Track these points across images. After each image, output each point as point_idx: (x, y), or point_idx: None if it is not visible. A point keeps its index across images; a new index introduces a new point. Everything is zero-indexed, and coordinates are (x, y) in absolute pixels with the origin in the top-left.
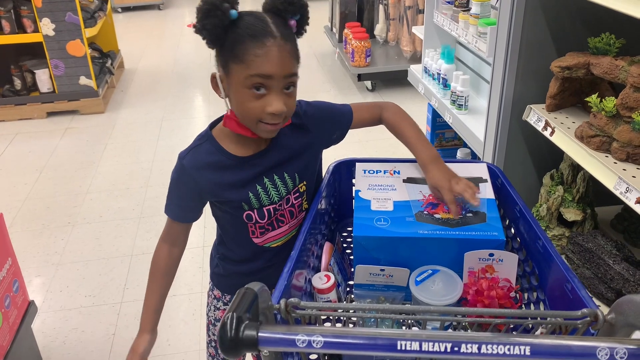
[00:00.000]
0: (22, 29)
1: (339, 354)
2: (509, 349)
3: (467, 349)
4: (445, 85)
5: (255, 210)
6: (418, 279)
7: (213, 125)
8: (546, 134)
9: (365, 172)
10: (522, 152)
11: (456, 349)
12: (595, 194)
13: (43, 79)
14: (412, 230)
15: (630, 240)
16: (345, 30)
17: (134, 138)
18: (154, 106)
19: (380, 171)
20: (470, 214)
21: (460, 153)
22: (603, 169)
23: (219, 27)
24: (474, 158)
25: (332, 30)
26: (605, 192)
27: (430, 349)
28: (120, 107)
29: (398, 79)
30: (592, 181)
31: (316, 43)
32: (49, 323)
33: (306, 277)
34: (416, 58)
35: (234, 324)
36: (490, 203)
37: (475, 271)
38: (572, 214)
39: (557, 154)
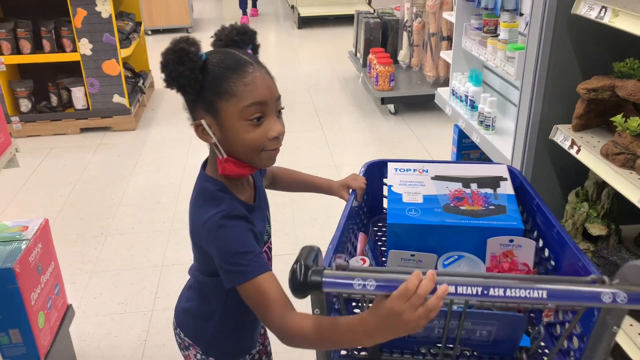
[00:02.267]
0: (61, 49)
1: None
2: (529, 292)
3: (494, 292)
4: (473, 107)
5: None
6: (445, 263)
7: (206, 178)
8: (572, 152)
9: (397, 171)
10: (548, 170)
11: (485, 292)
12: (619, 212)
13: (78, 96)
14: (441, 219)
15: None
16: (370, 56)
17: (163, 154)
18: (183, 125)
19: (410, 170)
20: (493, 207)
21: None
22: (628, 185)
23: (196, 70)
24: None
25: (356, 55)
26: (629, 210)
27: (464, 292)
28: (150, 125)
29: (420, 104)
30: (616, 198)
31: (340, 67)
32: (84, 327)
33: (345, 259)
34: (439, 83)
35: (302, 271)
36: (510, 198)
37: (497, 255)
38: (597, 229)
39: (582, 172)
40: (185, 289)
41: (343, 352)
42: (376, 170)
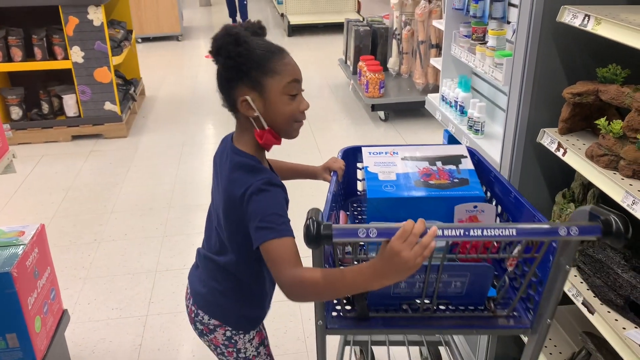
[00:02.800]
0: (52, 56)
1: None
2: (502, 231)
3: (474, 232)
4: (462, 112)
5: None
6: None
7: (240, 153)
8: (559, 154)
9: (370, 154)
10: (536, 173)
11: (467, 232)
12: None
13: (70, 103)
14: (414, 193)
15: (637, 254)
16: (360, 63)
17: (155, 161)
18: (174, 131)
19: (382, 153)
20: (457, 180)
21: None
22: (611, 185)
23: (251, 50)
24: None
25: (346, 62)
26: (614, 209)
27: (450, 234)
28: (142, 132)
29: (410, 110)
30: (601, 199)
31: (330, 75)
32: (79, 333)
33: None
34: (428, 90)
35: (315, 225)
36: (471, 172)
37: (463, 220)
38: None
39: (569, 174)
40: (197, 277)
41: (334, 314)
42: (351, 156)
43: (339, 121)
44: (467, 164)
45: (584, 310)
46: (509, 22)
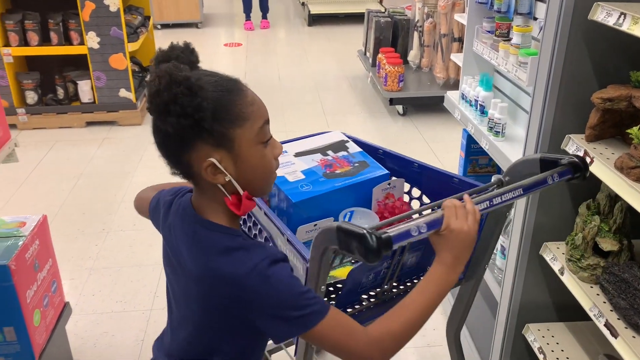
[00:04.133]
0: (68, 41)
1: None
2: (513, 194)
3: (496, 200)
4: (483, 112)
5: None
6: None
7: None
8: None
9: None
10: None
11: (491, 202)
12: (632, 225)
13: (85, 89)
14: (330, 185)
15: None
16: (379, 55)
17: None
18: None
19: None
20: (357, 164)
21: (494, 179)
22: None
23: (207, 97)
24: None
25: (365, 54)
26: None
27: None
28: None
29: (429, 105)
30: (629, 212)
31: (348, 66)
32: (81, 325)
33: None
34: (449, 85)
35: (372, 237)
36: (362, 154)
37: (381, 200)
38: (608, 244)
39: (594, 184)
40: None
41: None
42: None
43: (356, 114)
44: (354, 147)
45: (607, 333)
46: (535, 19)
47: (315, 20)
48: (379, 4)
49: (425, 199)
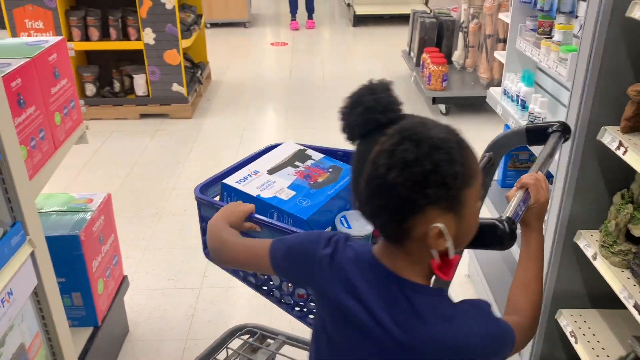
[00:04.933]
0: (126, 37)
1: None
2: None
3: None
4: (524, 107)
5: None
6: (343, 224)
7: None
8: (619, 153)
9: (239, 182)
10: (594, 171)
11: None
12: None
13: (140, 83)
14: (324, 195)
15: None
16: (424, 55)
17: (217, 143)
18: (236, 116)
19: (245, 178)
20: (331, 169)
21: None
22: None
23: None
24: (548, 177)
25: (410, 54)
26: None
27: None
28: (206, 115)
29: (472, 105)
30: None
31: (393, 66)
32: (136, 299)
33: None
34: (493, 85)
35: (504, 223)
36: (328, 159)
37: None
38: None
39: (629, 175)
40: None
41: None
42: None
43: None
44: (316, 154)
45: (635, 313)
46: (577, 17)
47: (360, 20)
48: (425, 5)
49: None
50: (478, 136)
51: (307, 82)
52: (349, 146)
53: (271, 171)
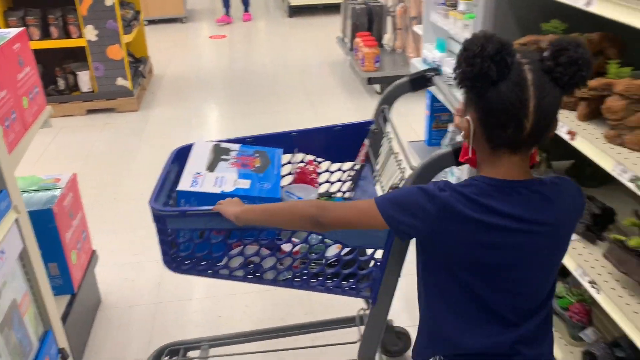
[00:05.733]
0: (68, 35)
1: None
2: None
3: None
4: (440, 71)
5: None
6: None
7: None
8: None
9: (194, 185)
10: None
11: None
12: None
13: (84, 79)
14: (273, 173)
15: None
16: (356, 39)
17: (166, 132)
18: (182, 106)
19: (195, 180)
20: (257, 155)
21: (451, 127)
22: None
23: None
24: None
25: (344, 40)
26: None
27: None
28: (151, 107)
29: None
30: None
31: (329, 52)
32: (105, 273)
33: None
34: None
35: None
36: (246, 147)
37: (296, 172)
38: None
39: None
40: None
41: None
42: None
43: (337, 95)
44: (234, 146)
45: None
46: None
47: (295, 11)
48: None
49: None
50: (411, 109)
51: (248, 71)
52: (256, 132)
53: (211, 168)
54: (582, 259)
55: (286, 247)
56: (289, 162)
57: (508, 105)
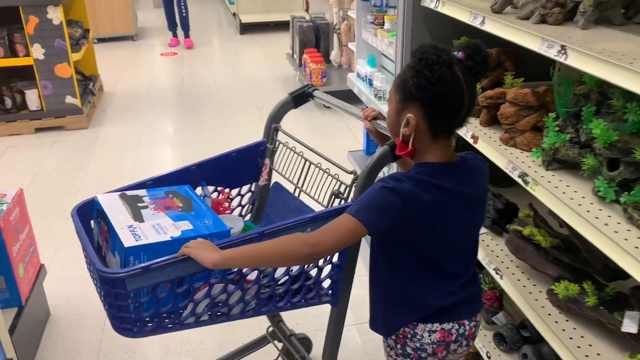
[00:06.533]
0: (14, 54)
1: None
2: None
3: None
4: (370, 84)
5: None
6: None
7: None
8: None
9: (138, 239)
10: None
11: None
12: None
13: (32, 98)
14: (203, 209)
15: None
16: (304, 56)
17: (116, 148)
18: (132, 122)
19: (135, 232)
20: (170, 194)
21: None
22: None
23: None
24: None
25: (293, 56)
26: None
27: None
28: (101, 124)
29: (351, 97)
30: None
31: (279, 68)
32: (54, 287)
33: None
34: None
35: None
36: (154, 190)
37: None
38: None
39: None
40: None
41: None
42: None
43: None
44: (139, 192)
45: None
46: None
47: (247, 29)
48: (305, 12)
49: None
50: (358, 123)
51: (199, 87)
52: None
53: (137, 219)
54: (490, 250)
55: (252, 276)
56: (204, 196)
57: (451, 100)
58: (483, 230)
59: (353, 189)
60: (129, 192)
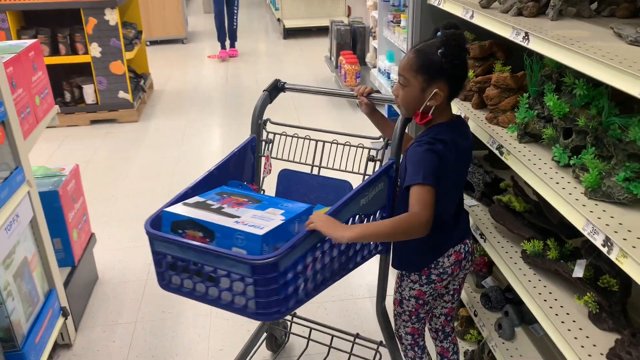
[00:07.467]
0: (74, 52)
1: None
2: None
3: None
4: (388, 77)
5: None
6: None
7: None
8: None
9: (259, 228)
10: None
11: None
12: None
13: (89, 92)
14: (268, 196)
15: None
16: (340, 57)
17: (162, 141)
18: (178, 118)
19: (242, 221)
20: (226, 195)
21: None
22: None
23: None
24: None
25: (330, 58)
26: None
27: None
28: (150, 118)
29: None
30: None
31: (318, 70)
32: (102, 255)
33: None
34: None
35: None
36: (223, 188)
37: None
38: None
39: None
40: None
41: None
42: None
43: (324, 108)
44: (199, 198)
45: None
46: None
47: (290, 33)
48: (346, 17)
49: None
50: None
51: (241, 88)
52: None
53: (232, 217)
54: (477, 218)
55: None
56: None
57: (465, 71)
58: (473, 202)
59: (387, 150)
60: (189, 201)
